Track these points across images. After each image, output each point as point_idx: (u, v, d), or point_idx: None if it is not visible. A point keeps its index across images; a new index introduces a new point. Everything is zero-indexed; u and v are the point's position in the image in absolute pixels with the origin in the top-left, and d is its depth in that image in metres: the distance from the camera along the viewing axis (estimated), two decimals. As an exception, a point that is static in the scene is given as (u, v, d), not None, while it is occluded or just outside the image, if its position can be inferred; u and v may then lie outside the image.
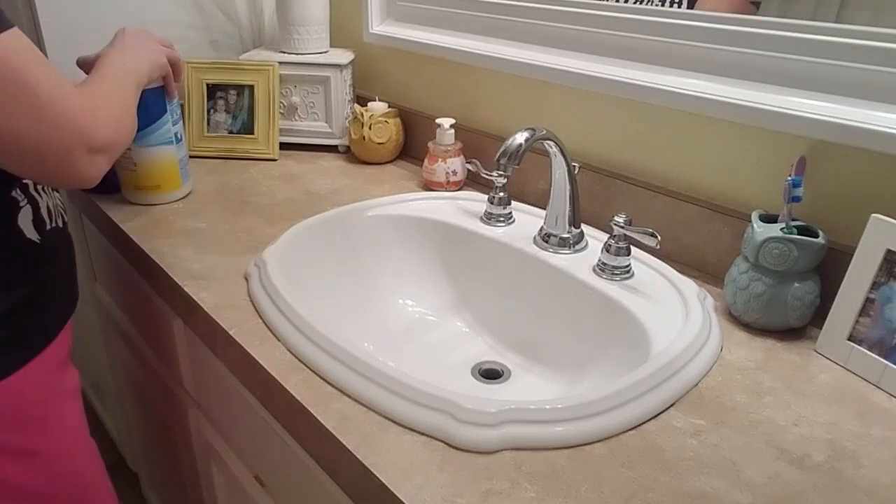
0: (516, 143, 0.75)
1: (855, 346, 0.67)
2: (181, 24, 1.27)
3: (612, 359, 0.74)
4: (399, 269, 0.95)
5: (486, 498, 0.51)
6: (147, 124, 0.95)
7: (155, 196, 1.01)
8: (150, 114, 0.95)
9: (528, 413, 0.57)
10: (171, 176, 1.01)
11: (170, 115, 0.98)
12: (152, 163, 0.98)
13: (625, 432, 0.58)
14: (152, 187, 1.00)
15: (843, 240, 0.71)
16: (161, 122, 0.97)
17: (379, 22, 1.23)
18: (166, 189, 1.01)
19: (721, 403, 0.62)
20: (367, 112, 1.17)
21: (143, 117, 0.90)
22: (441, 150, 1.06)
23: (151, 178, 0.99)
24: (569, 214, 0.85)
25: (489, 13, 1.04)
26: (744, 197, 0.81)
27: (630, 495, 0.52)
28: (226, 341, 0.73)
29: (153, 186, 1.00)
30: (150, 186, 1.00)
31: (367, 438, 0.57)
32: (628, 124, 0.91)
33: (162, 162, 0.99)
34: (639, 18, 0.85)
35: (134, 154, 0.97)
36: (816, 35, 0.70)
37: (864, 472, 0.55)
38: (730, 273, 0.75)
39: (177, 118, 1.00)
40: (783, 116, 0.72)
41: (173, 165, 1.00)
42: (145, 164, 0.98)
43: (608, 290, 0.77)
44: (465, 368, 0.83)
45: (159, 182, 1.00)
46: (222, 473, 0.95)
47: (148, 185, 1.00)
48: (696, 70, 0.81)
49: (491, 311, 0.90)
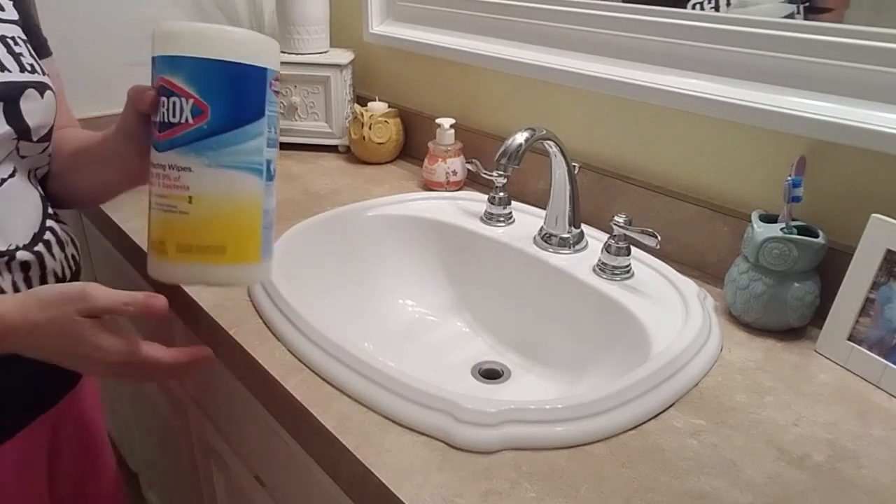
0: (516, 143, 0.75)
1: (855, 346, 0.67)
2: (181, 24, 1.27)
3: (612, 359, 0.73)
4: (399, 269, 0.95)
5: (486, 498, 0.51)
6: (233, 123, 0.52)
7: (214, 266, 0.53)
8: (244, 107, 0.53)
9: (528, 413, 0.57)
10: (247, 235, 0.54)
11: (266, 126, 0.54)
12: (223, 199, 0.52)
13: (625, 432, 0.58)
14: (211, 249, 0.53)
15: (843, 240, 0.71)
16: (252, 130, 0.53)
17: (379, 22, 1.23)
18: (234, 257, 0.54)
19: (721, 403, 0.62)
20: (367, 112, 1.17)
21: (228, 103, 0.51)
22: (441, 150, 1.06)
23: (214, 230, 0.53)
24: (569, 214, 0.85)
25: (489, 13, 1.04)
26: (744, 197, 0.81)
27: (630, 495, 0.52)
28: (226, 342, 0.73)
29: (213, 248, 0.53)
30: (208, 247, 0.53)
31: (367, 438, 0.57)
32: (628, 124, 0.90)
33: (239, 202, 0.53)
34: (639, 18, 0.85)
35: (192, 178, 0.52)
36: (816, 35, 0.70)
37: (864, 472, 0.55)
38: (730, 273, 0.75)
39: (275, 140, 0.56)
40: (783, 116, 0.72)
41: (254, 215, 0.54)
42: (211, 200, 0.52)
43: (608, 290, 0.77)
44: (465, 368, 0.83)
45: (224, 241, 0.53)
46: (222, 473, 0.95)
47: (204, 243, 0.52)
48: (696, 70, 0.81)
49: (491, 311, 0.90)
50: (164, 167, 0.52)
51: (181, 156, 0.52)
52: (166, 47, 0.52)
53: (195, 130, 0.51)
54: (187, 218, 0.52)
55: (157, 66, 0.53)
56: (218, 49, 0.51)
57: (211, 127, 0.51)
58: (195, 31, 0.51)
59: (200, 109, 0.51)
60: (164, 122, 0.52)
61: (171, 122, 0.52)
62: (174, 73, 0.51)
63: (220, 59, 0.51)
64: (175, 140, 0.52)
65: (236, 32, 0.52)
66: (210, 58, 0.51)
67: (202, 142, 0.51)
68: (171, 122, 0.52)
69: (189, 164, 0.52)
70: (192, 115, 0.51)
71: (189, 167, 0.52)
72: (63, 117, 0.77)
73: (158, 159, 0.53)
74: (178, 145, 0.52)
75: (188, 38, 0.51)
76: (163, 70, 0.52)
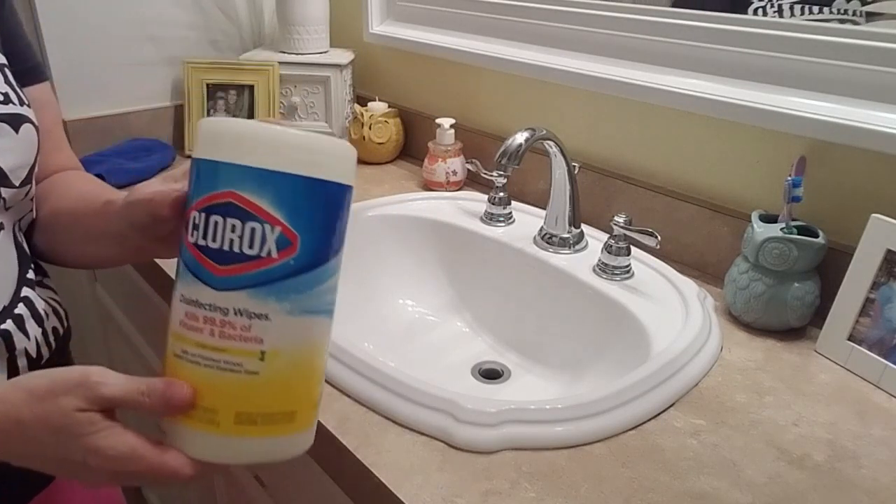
0: (516, 143, 0.75)
1: (855, 346, 0.67)
2: (181, 23, 1.27)
3: (612, 359, 0.73)
4: (399, 269, 0.95)
5: (486, 498, 0.51)
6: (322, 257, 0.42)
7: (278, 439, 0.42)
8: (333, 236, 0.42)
9: (528, 413, 0.57)
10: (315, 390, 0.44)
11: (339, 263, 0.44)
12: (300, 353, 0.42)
13: (625, 432, 0.58)
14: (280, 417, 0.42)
15: (843, 240, 0.71)
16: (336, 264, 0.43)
17: (379, 22, 1.23)
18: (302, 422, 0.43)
19: (721, 403, 0.62)
20: (367, 112, 1.17)
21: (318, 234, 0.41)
22: (441, 150, 1.06)
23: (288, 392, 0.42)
24: (569, 214, 0.85)
25: (489, 13, 1.04)
26: (744, 197, 0.81)
27: (630, 495, 0.52)
28: (226, 341, 0.73)
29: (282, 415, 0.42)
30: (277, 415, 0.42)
31: (367, 438, 0.57)
32: (628, 124, 0.90)
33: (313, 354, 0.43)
34: (639, 18, 0.85)
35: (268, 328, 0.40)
36: (816, 35, 0.70)
37: (864, 472, 0.55)
38: (730, 273, 0.75)
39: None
40: (783, 116, 0.72)
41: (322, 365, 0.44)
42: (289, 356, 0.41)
43: (608, 290, 0.77)
44: (465, 368, 0.83)
45: (296, 405, 0.42)
46: (222, 473, 0.95)
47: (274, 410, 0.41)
48: (696, 70, 0.81)
49: (491, 311, 0.90)
50: (223, 311, 0.40)
51: (256, 299, 0.39)
52: (238, 152, 0.39)
53: (279, 267, 0.40)
54: (256, 380, 0.40)
55: (222, 174, 0.40)
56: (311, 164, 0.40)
57: (299, 263, 0.40)
58: (278, 136, 0.40)
59: (289, 241, 0.40)
60: (231, 252, 0.39)
61: (244, 253, 0.39)
62: (257, 190, 0.39)
63: (315, 178, 0.40)
64: (248, 278, 0.39)
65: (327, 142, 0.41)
66: (304, 175, 0.40)
67: (286, 282, 0.40)
68: (244, 255, 0.39)
69: (266, 310, 0.40)
70: (277, 247, 0.39)
71: (266, 314, 0.40)
72: (61, 156, 0.67)
73: (213, 299, 0.40)
74: (253, 285, 0.40)
75: (271, 143, 0.39)
76: (233, 182, 0.39)
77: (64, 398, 0.41)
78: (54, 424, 0.41)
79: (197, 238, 0.40)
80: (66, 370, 0.43)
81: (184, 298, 0.41)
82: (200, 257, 0.40)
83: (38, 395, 0.42)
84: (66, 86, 1.17)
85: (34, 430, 0.41)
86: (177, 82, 1.28)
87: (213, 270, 0.40)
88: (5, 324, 0.55)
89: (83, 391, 0.42)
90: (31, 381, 0.43)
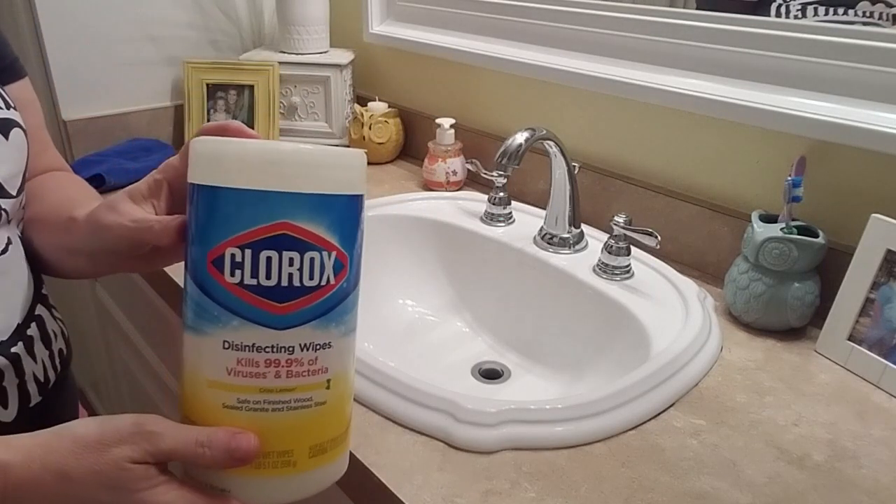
0: (516, 143, 0.75)
1: (855, 346, 0.67)
2: (181, 23, 1.27)
3: (612, 359, 0.74)
4: (399, 269, 0.95)
5: (486, 498, 0.51)
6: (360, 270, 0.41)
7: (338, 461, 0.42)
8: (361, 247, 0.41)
9: (528, 413, 0.57)
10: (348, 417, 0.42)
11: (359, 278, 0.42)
12: (351, 375, 0.42)
13: (625, 432, 0.58)
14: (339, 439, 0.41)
15: (843, 240, 0.71)
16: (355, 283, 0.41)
17: (379, 22, 1.23)
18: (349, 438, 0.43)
19: (721, 403, 0.62)
20: (367, 112, 1.17)
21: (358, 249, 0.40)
22: (441, 150, 1.06)
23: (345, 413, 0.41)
24: (569, 214, 0.85)
25: (489, 13, 1.04)
26: (744, 197, 0.81)
27: (630, 495, 0.52)
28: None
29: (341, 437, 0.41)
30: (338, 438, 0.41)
31: (367, 438, 0.57)
32: (628, 124, 0.90)
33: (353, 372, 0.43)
34: (639, 18, 0.85)
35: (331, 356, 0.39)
36: (816, 35, 0.70)
37: (864, 472, 0.55)
38: (730, 273, 0.75)
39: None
40: (783, 116, 0.72)
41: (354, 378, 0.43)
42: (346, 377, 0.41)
43: (608, 290, 0.77)
44: (465, 368, 0.83)
45: (347, 422, 0.42)
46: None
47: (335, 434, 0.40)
48: (696, 70, 0.81)
49: (491, 311, 0.90)
50: (288, 350, 0.37)
51: (320, 330, 0.38)
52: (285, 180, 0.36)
53: (337, 292, 0.38)
54: (325, 409, 0.39)
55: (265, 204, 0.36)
56: (349, 181, 0.38)
57: (349, 284, 0.39)
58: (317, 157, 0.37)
59: (342, 264, 0.38)
60: (291, 287, 0.36)
61: (304, 286, 0.37)
62: (312, 217, 0.36)
63: (352, 195, 0.38)
64: (312, 310, 0.37)
65: (350, 156, 0.39)
66: (346, 194, 0.38)
67: (342, 305, 0.39)
68: (304, 287, 0.37)
69: (329, 338, 0.38)
70: (334, 272, 0.38)
71: (329, 342, 0.38)
72: (46, 157, 0.64)
73: (276, 340, 0.37)
74: (318, 317, 0.38)
75: (312, 166, 0.37)
76: (285, 212, 0.36)
77: (117, 449, 0.37)
78: (106, 478, 0.37)
79: (243, 278, 0.36)
80: (117, 418, 0.38)
81: (232, 346, 0.36)
82: (253, 298, 0.36)
83: (87, 445, 0.37)
84: (66, 86, 1.17)
85: (82, 485, 0.37)
86: (177, 82, 1.28)
87: (272, 310, 0.36)
88: (16, 346, 0.52)
89: (139, 441, 0.37)
90: (77, 429, 0.38)
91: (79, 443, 0.37)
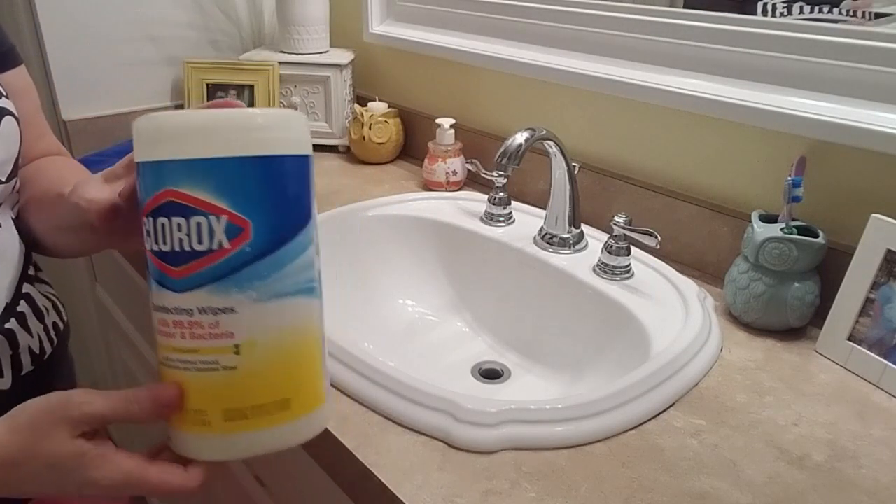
0: (516, 143, 0.75)
1: (855, 346, 0.67)
2: (181, 23, 1.27)
3: (612, 359, 0.74)
4: (399, 269, 0.95)
5: (486, 498, 0.51)
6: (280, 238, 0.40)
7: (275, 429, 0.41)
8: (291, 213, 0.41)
9: (528, 413, 0.57)
10: (312, 373, 0.43)
11: (314, 229, 0.42)
12: (280, 339, 0.40)
13: (625, 432, 0.58)
14: (271, 407, 0.41)
15: (843, 240, 0.71)
16: (303, 240, 0.41)
17: (379, 22, 1.23)
18: (302, 407, 0.42)
19: (721, 403, 0.62)
20: (367, 112, 1.17)
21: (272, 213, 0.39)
22: (441, 150, 1.06)
23: (274, 381, 0.41)
24: (569, 214, 0.85)
25: (489, 13, 1.04)
26: (744, 197, 0.81)
27: (630, 495, 0.52)
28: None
29: (274, 404, 0.41)
30: (268, 405, 0.40)
31: (367, 438, 0.57)
32: (628, 124, 0.90)
33: (298, 337, 0.42)
34: (639, 18, 0.85)
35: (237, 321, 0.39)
36: (816, 35, 0.70)
37: (864, 472, 0.55)
38: (730, 273, 0.75)
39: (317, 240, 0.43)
40: (783, 116, 0.72)
41: (316, 347, 0.43)
42: (266, 344, 0.40)
43: (608, 290, 0.77)
44: (465, 368, 0.83)
45: (288, 392, 0.41)
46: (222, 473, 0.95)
47: (262, 401, 0.40)
48: (696, 70, 0.81)
49: (491, 311, 0.90)
50: (188, 312, 0.39)
51: (218, 294, 0.38)
52: (170, 147, 0.38)
53: (235, 257, 0.38)
54: (236, 374, 0.39)
55: (156, 174, 0.38)
56: (247, 142, 0.38)
57: (255, 248, 0.39)
58: (209, 122, 0.38)
59: (239, 227, 0.38)
60: (182, 252, 0.38)
61: (195, 250, 0.38)
62: (193, 183, 0.38)
63: (254, 157, 0.38)
64: (205, 274, 0.38)
65: (262, 117, 0.39)
66: (241, 155, 0.38)
67: (246, 270, 0.39)
68: (195, 251, 0.38)
69: (231, 303, 0.38)
70: (227, 236, 0.38)
71: (231, 307, 0.38)
72: (43, 143, 0.65)
73: (176, 302, 0.39)
74: (212, 280, 0.38)
75: (201, 131, 0.38)
76: (167, 180, 0.38)
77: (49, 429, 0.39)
78: (45, 461, 0.39)
79: (151, 244, 0.39)
80: (47, 397, 0.40)
81: (154, 307, 0.40)
82: (158, 262, 0.39)
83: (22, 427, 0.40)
84: (66, 86, 1.17)
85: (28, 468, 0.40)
86: (177, 82, 1.28)
87: (171, 273, 0.39)
88: (9, 322, 0.55)
89: (67, 415, 0.39)
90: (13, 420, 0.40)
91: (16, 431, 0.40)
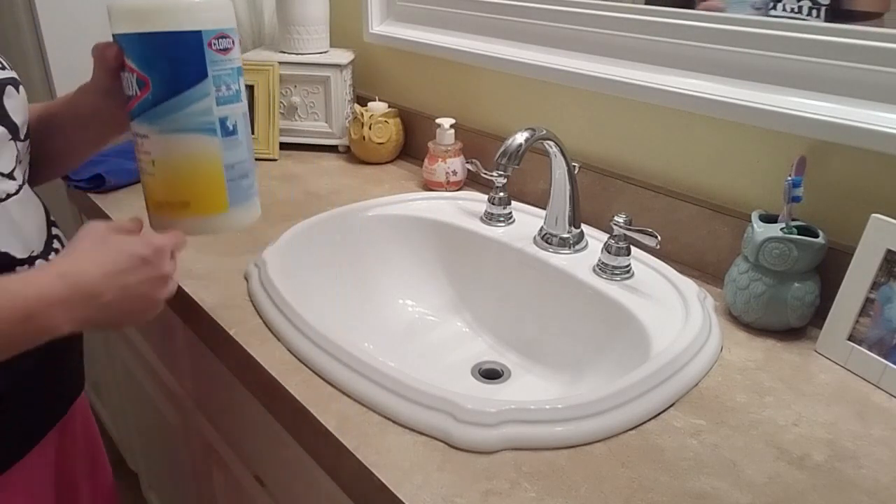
0: (516, 143, 0.75)
1: (855, 346, 0.67)
2: (181, 24, 1.27)
3: (612, 359, 0.74)
4: (399, 269, 0.95)
5: (486, 498, 0.51)
6: (173, 91, 0.57)
7: (182, 220, 0.62)
8: (180, 73, 0.57)
9: (529, 413, 0.57)
10: (210, 188, 0.61)
11: (212, 86, 0.58)
12: (177, 162, 0.60)
13: (625, 432, 0.58)
14: (177, 204, 0.61)
15: (843, 240, 0.71)
16: (196, 94, 0.58)
17: (379, 22, 1.23)
18: (198, 209, 0.62)
19: (721, 403, 0.62)
20: (367, 112, 1.17)
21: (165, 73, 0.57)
22: (441, 150, 1.06)
23: (176, 187, 0.61)
24: (569, 214, 0.85)
25: (489, 13, 1.04)
26: (744, 197, 0.81)
27: (630, 495, 0.52)
28: (226, 341, 0.73)
29: (178, 203, 0.61)
30: (174, 203, 0.61)
31: (367, 438, 0.57)
32: (628, 124, 0.91)
33: (193, 162, 0.60)
34: (639, 18, 0.85)
35: (150, 144, 0.59)
36: (816, 35, 0.70)
37: (864, 472, 0.55)
38: (730, 273, 0.75)
39: (232, 96, 0.60)
40: (783, 116, 0.72)
41: (214, 171, 0.61)
42: (168, 162, 0.60)
43: (608, 290, 0.77)
44: (465, 368, 0.83)
45: (186, 196, 0.61)
46: (222, 473, 0.95)
47: (170, 199, 0.61)
48: (696, 70, 0.81)
49: (491, 311, 0.90)
50: (134, 135, 0.60)
51: (140, 125, 0.59)
52: (113, 26, 0.58)
53: (143, 102, 0.58)
54: (154, 178, 0.61)
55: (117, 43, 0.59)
56: (148, 21, 0.56)
57: (154, 97, 0.57)
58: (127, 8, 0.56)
59: (143, 82, 0.57)
60: (127, 96, 0.59)
61: (128, 94, 0.59)
62: (126, 49, 0.57)
63: (150, 32, 0.56)
64: (133, 111, 0.59)
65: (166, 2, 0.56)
66: (141, 31, 0.56)
67: (150, 111, 0.58)
68: (128, 95, 0.59)
69: (146, 132, 0.59)
70: (138, 88, 0.57)
71: (146, 135, 0.59)
72: None
73: (130, 128, 0.60)
74: (136, 116, 0.59)
75: (123, 15, 0.57)
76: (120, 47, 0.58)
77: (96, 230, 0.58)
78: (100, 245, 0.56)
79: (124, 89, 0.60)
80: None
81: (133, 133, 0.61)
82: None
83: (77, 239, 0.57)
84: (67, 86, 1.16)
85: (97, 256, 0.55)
86: (177, 82, 1.28)
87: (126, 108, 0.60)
88: (51, 255, 0.65)
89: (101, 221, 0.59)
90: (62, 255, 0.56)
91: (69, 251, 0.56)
